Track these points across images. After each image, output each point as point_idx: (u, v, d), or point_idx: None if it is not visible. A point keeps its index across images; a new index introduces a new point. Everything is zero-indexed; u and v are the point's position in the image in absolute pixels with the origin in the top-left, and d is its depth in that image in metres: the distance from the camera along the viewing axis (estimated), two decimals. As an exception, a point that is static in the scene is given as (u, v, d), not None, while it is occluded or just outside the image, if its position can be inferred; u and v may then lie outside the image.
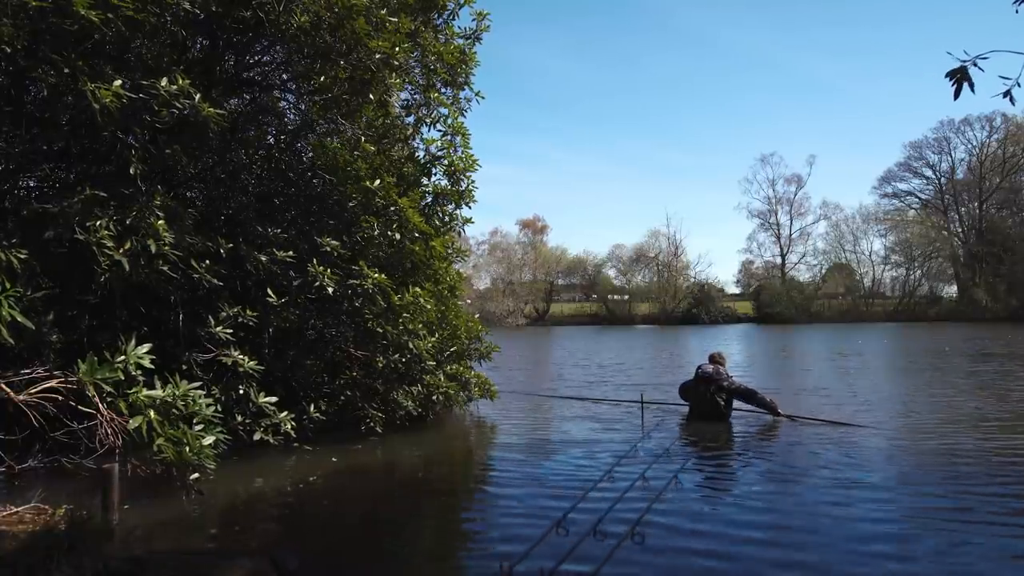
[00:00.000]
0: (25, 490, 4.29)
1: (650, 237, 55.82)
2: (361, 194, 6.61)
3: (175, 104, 5.04)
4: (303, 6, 5.88)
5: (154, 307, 5.98)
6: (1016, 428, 6.99)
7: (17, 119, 5.48)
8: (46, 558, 3.13)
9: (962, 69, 2.43)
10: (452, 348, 8.12)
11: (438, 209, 8.12)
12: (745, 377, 11.25)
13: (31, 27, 4.90)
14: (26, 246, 4.67)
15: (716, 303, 50.87)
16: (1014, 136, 50.32)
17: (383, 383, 7.05)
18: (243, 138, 7.03)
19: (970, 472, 5.28)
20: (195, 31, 6.21)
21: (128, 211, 5.06)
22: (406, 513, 4.74)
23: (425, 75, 7.88)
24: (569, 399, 9.94)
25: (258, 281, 6.37)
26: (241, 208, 6.68)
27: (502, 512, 4.57)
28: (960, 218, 53.91)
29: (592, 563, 3.08)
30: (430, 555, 3.91)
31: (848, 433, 6.81)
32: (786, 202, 55.56)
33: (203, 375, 5.74)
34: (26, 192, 6.03)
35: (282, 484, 5.32)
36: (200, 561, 3.50)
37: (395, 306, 6.60)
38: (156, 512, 4.43)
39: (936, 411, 8.11)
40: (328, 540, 4.05)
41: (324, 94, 6.68)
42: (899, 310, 48.69)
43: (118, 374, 4.26)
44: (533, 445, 6.77)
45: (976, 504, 4.46)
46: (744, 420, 7.73)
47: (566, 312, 56.61)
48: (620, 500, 4.03)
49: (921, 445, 6.27)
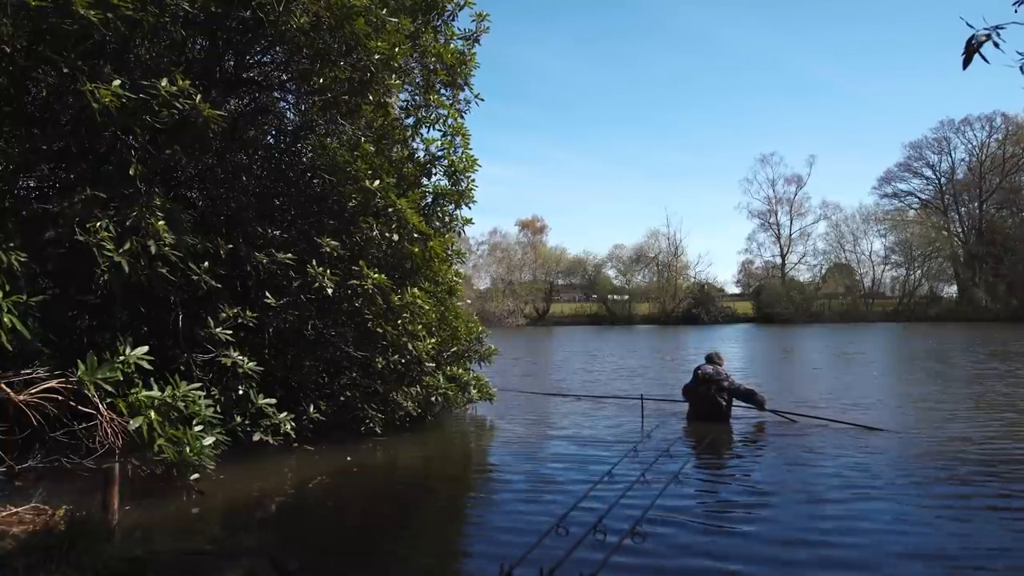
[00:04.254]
0: (25, 490, 4.28)
1: (650, 237, 55.79)
2: (361, 195, 6.61)
3: (175, 105, 5.04)
4: (303, 6, 5.88)
5: (154, 308, 5.98)
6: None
7: (17, 119, 5.49)
8: (46, 558, 3.13)
9: (987, 36, 2.32)
10: (452, 348, 8.12)
11: (438, 209, 8.11)
12: (746, 377, 11.25)
13: (31, 27, 4.91)
14: (26, 247, 4.67)
15: (716, 303, 50.79)
16: (1014, 136, 50.29)
17: (383, 384, 7.05)
18: (243, 138, 7.03)
19: (978, 472, 5.28)
20: (195, 31, 6.21)
21: (128, 212, 5.06)
22: (406, 513, 4.75)
23: (424, 76, 7.88)
24: (569, 397, 9.96)
25: (258, 281, 6.37)
26: (241, 208, 6.68)
27: (502, 512, 4.58)
28: (960, 218, 53.86)
29: (592, 563, 3.07)
30: (430, 555, 3.91)
31: (849, 433, 6.81)
32: (786, 202, 55.52)
33: (203, 375, 5.74)
34: (26, 192, 6.03)
35: (282, 484, 5.33)
36: (200, 561, 3.50)
37: (394, 306, 6.59)
38: (156, 512, 4.43)
39: (945, 411, 8.10)
40: (328, 540, 4.05)
41: (324, 94, 6.68)
42: (899, 310, 48.64)
43: (117, 374, 4.26)
44: (533, 445, 6.77)
45: (981, 502, 4.47)
46: (744, 420, 7.73)
47: (566, 312, 56.53)
48: (620, 500, 4.04)
49: (926, 446, 6.25)
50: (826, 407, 8.36)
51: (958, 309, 46.22)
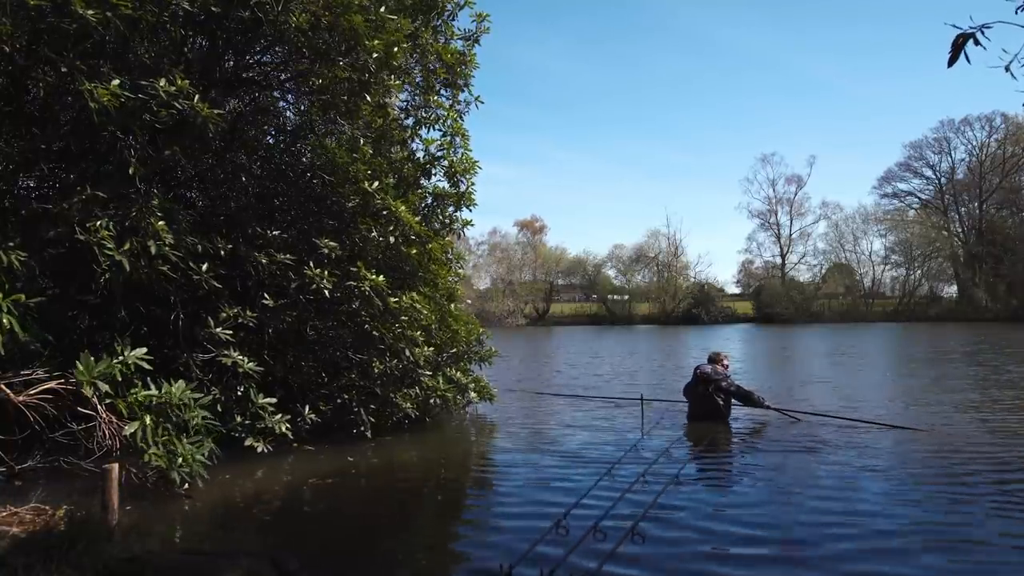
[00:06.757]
0: (25, 490, 4.28)
1: (650, 237, 55.82)
2: (359, 195, 6.61)
3: (173, 104, 5.04)
4: (302, 6, 5.88)
5: (154, 307, 5.98)
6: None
7: (17, 119, 5.48)
8: (46, 558, 3.13)
9: (971, 35, 2.37)
10: (452, 350, 8.10)
11: (438, 211, 8.10)
12: (752, 379, 11.25)
13: (30, 26, 4.91)
14: (26, 246, 4.67)
15: (716, 303, 50.80)
16: (1014, 136, 50.27)
17: (380, 386, 7.02)
18: (243, 138, 7.03)
19: (975, 468, 5.28)
20: (194, 31, 6.21)
21: (128, 211, 5.06)
22: (406, 513, 4.75)
23: (424, 76, 7.87)
24: (569, 397, 9.96)
25: (258, 282, 6.37)
26: (241, 208, 6.68)
27: (502, 512, 4.57)
28: (960, 218, 53.86)
29: (592, 563, 3.07)
30: (430, 555, 3.90)
31: (850, 433, 6.81)
32: (786, 202, 55.51)
33: (202, 375, 5.74)
34: (26, 192, 6.03)
35: (282, 484, 5.33)
36: (200, 561, 3.50)
37: (391, 309, 6.57)
38: (156, 512, 4.43)
39: (952, 411, 8.09)
40: (328, 540, 4.05)
41: (323, 94, 6.67)
42: (899, 310, 48.64)
43: (116, 372, 4.26)
44: (533, 445, 6.77)
45: (980, 497, 4.48)
46: (744, 420, 7.73)
47: (566, 312, 56.54)
48: (620, 500, 4.04)
49: (930, 447, 6.24)
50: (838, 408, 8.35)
51: (958, 309, 46.22)
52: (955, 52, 2.42)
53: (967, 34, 2.38)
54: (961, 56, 2.43)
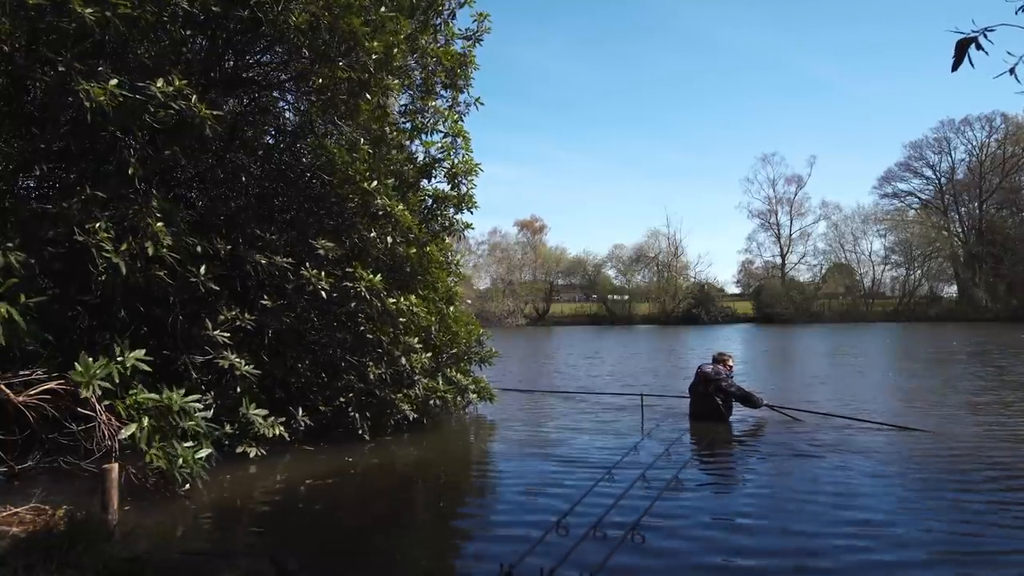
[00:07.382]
0: (25, 490, 4.28)
1: (650, 237, 55.85)
2: (359, 196, 6.60)
3: (171, 105, 5.03)
4: (301, 6, 5.88)
5: (153, 308, 5.97)
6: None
7: (17, 119, 5.48)
8: (46, 558, 3.13)
9: (973, 39, 2.38)
10: (452, 351, 8.09)
11: (438, 213, 8.09)
12: (754, 380, 11.24)
13: (29, 26, 4.90)
14: (26, 246, 4.66)
15: (716, 303, 50.81)
16: (1014, 136, 50.28)
17: (378, 388, 6.99)
18: (242, 138, 7.02)
19: (977, 472, 5.27)
20: (194, 31, 6.20)
21: (126, 211, 5.05)
22: (406, 513, 4.74)
23: (424, 77, 7.87)
24: (569, 396, 9.95)
25: (258, 283, 6.36)
26: (240, 209, 6.66)
27: (502, 512, 4.57)
28: (960, 218, 53.87)
29: (592, 563, 3.07)
30: (430, 555, 3.90)
31: (850, 433, 6.81)
32: (786, 202, 55.56)
33: (200, 377, 5.72)
34: (26, 192, 6.02)
35: (282, 484, 5.32)
36: (200, 561, 3.50)
37: (389, 310, 6.55)
38: (156, 512, 4.42)
39: (956, 412, 8.07)
40: (328, 540, 4.05)
41: (323, 95, 6.67)
42: (899, 310, 48.64)
43: (114, 373, 4.25)
44: (532, 445, 6.76)
45: (985, 506, 4.46)
46: (744, 420, 7.72)
47: (566, 312, 56.55)
48: (620, 500, 4.03)
49: (934, 449, 6.21)
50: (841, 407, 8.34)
51: (958, 309, 46.23)
52: (959, 56, 2.42)
53: (970, 38, 2.38)
54: (972, 59, 2.43)
